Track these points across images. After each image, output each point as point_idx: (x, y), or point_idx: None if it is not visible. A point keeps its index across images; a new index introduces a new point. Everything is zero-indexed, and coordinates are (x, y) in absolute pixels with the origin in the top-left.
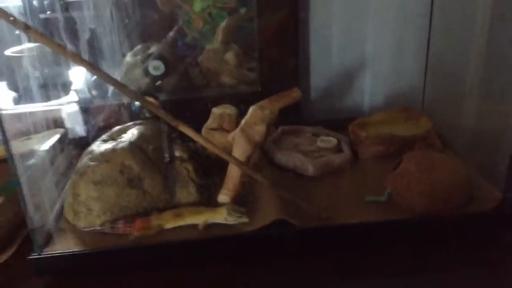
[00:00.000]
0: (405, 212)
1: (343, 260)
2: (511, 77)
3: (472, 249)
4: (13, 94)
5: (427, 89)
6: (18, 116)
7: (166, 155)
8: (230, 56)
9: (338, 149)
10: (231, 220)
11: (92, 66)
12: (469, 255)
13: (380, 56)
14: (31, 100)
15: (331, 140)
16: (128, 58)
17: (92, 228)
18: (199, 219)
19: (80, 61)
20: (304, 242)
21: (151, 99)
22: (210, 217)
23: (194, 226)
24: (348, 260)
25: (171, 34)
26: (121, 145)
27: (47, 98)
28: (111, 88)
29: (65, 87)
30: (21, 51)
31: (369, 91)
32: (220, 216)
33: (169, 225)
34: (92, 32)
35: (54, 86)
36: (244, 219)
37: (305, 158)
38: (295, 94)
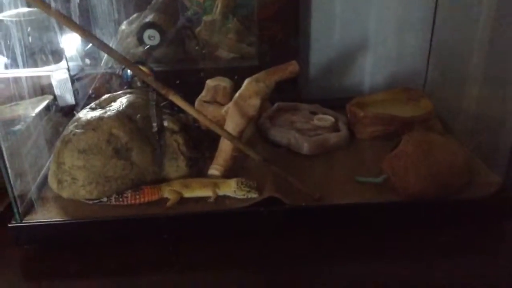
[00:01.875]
0: (401, 194)
1: (334, 241)
2: None
3: (469, 235)
4: (3, 59)
5: (429, 70)
6: (6, 81)
7: (154, 124)
8: (227, 29)
9: (335, 128)
10: (240, 194)
11: (85, 31)
12: (466, 241)
13: (383, 35)
14: (21, 66)
15: (328, 119)
16: (124, 26)
17: (98, 200)
18: (208, 191)
19: (74, 26)
20: (295, 221)
21: (144, 68)
22: (219, 189)
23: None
24: (339, 241)
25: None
26: (109, 113)
27: (38, 64)
28: (104, 57)
29: (57, 54)
30: (14, 15)
31: (369, 70)
32: (229, 189)
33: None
34: None
35: (46, 53)
36: (253, 194)
37: (300, 135)
38: (292, 67)
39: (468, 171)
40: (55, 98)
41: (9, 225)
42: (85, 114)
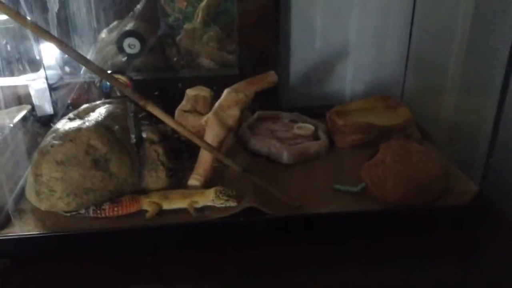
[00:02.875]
0: (379, 202)
1: (314, 249)
2: (490, 70)
3: (446, 242)
4: None
5: (407, 79)
6: None
7: (133, 136)
8: (209, 36)
9: (315, 137)
10: (218, 203)
11: (60, 42)
12: (442, 248)
13: (362, 44)
14: None
15: (308, 127)
16: (103, 34)
17: (76, 212)
18: (187, 202)
19: (49, 37)
20: (275, 230)
21: (122, 78)
22: (197, 200)
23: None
24: (319, 250)
25: (138, 7)
26: (87, 124)
27: (16, 74)
28: (82, 66)
29: (35, 63)
30: None
31: (349, 79)
32: (208, 199)
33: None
34: (65, 6)
35: (24, 61)
36: (232, 203)
37: (280, 144)
38: (271, 78)
39: (446, 179)
40: (33, 107)
41: None
42: (63, 124)
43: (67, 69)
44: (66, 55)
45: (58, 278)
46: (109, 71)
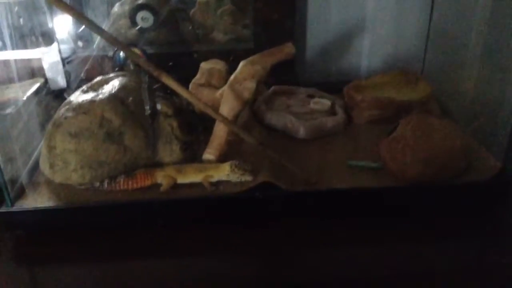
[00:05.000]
0: (398, 179)
1: (330, 226)
2: None
3: (468, 219)
4: None
5: (427, 53)
6: None
7: (147, 107)
8: (223, 10)
9: (331, 112)
10: (234, 177)
11: (76, 12)
12: (464, 225)
13: (381, 17)
14: (11, 48)
15: (325, 102)
16: (116, 8)
17: (91, 185)
18: (201, 176)
19: (65, 7)
20: (291, 206)
21: (135, 51)
22: (212, 174)
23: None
24: (334, 226)
25: None
26: (101, 96)
27: (29, 47)
28: (96, 39)
29: (48, 36)
30: None
31: (367, 53)
32: (223, 173)
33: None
34: None
35: (37, 35)
36: (247, 177)
37: (296, 119)
38: (288, 49)
39: (467, 155)
40: (46, 81)
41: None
42: (77, 97)
43: (80, 43)
44: (80, 29)
45: (71, 250)
46: None
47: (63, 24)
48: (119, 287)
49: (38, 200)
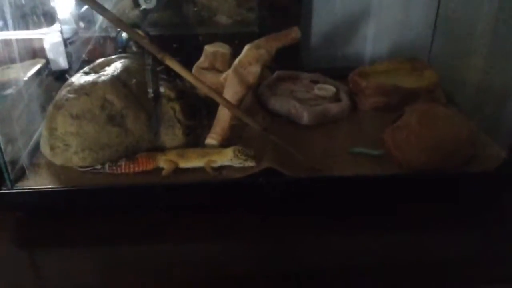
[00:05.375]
0: (401, 167)
1: (333, 213)
2: None
3: (472, 208)
4: None
5: (434, 41)
6: None
7: (150, 90)
8: None
9: (336, 98)
10: (237, 162)
11: None
12: (468, 214)
13: (388, 3)
14: (12, 28)
15: (329, 88)
16: None
17: (92, 168)
18: (204, 161)
19: None
20: (294, 192)
21: (139, 32)
22: (215, 159)
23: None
24: (338, 213)
25: None
26: (103, 78)
27: (30, 27)
28: (98, 20)
29: (50, 17)
30: None
31: (373, 39)
32: (226, 158)
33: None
34: None
35: (38, 15)
36: (250, 163)
37: (300, 105)
38: (294, 34)
39: (472, 144)
40: (47, 62)
41: (0, 191)
42: (78, 78)
43: (81, 23)
44: (81, 9)
45: (71, 233)
46: None
47: (65, 4)
48: (118, 270)
49: (38, 182)
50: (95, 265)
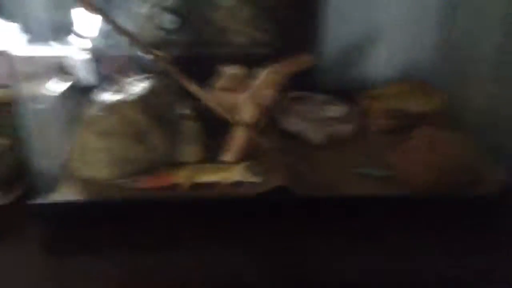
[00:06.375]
0: (408, 188)
1: (340, 232)
2: None
3: (474, 232)
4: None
5: (442, 65)
6: (27, 59)
7: (174, 111)
8: (244, 14)
9: (346, 120)
10: (245, 178)
11: (105, 14)
12: (471, 238)
13: (398, 26)
14: (42, 44)
15: (340, 110)
16: (143, 9)
17: (113, 182)
18: (218, 176)
19: (92, 8)
20: (303, 210)
21: (160, 53)
22: (228, 174)
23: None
24: (344, 232)
25: None
26: (131, 98)
27: (59, 43)
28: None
29: (80, 34)
30: None
31: (384, 62)
32: (236, 173)
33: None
34: None
35: (69, 31)
36: (257, 179)
37: (312, 126)
38: (308, 60)
39: (477, 169)
40: (76, 78)
41: (30, 202)
42: (107, 97)
43: (107, 42)
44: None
45: (99, 243)
46: None
47: (93, 23)
48: (142, 280)
49: (68, 193)
50: (118, 273)
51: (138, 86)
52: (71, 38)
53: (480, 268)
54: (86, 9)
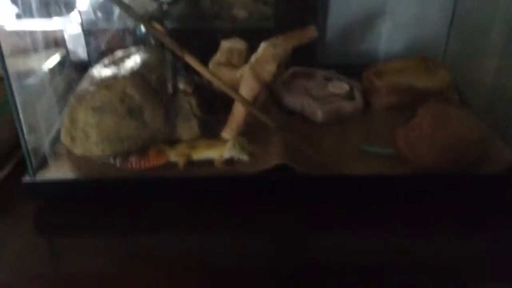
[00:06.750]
0: (413, 166)
1: (342, 212)
2: None
3: (481, 210)
4: (14, 9)
5: (449, 40)
6: (17, 33)
7: (169, 86)
8: None
9: (350, 96)
10: (233, 153)
11: None
12: (477, 216)
13: (404, 1)
14: (32, 17)
15: (343, 86)
16: None
17: (106, 161)
18: (212, 152)
19: None
20: (306, 189)
21: (157, 26)
22: (220, 151)
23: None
24: (349, 211)
25: None
26: (123, 72)
27: (49, 16)
28: (116, 11)
29: (70, 6)
30: None
31: (388, 37)
32: (226, 149)
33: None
34: None
35: (59, 3)
36: (244, 156)
37: (314, 102)
38: (311, 32)
39: (484, 146)
40: (67, 52)
41: (22, 180)
42: (99, 71)
43: (100, 14)
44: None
45: (90, 222)
46: None
47: None
48: (135, 259)
49: (59, 171)
50: (111, 253)
51: (132, 60)
52: (63, 10)
53: (486, 248)
54: None
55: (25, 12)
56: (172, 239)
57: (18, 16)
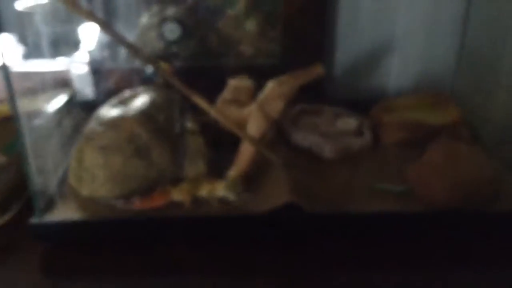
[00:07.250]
0: (425, 204)
1: (353, 250)
2: None
3: (492, 248)
4: (22, 49)
5: (458, 76)
6: (25, 74)
7: (177, 125)
8: (251, 23)
9: (358, 132)
10: (224, 193)
11: (106, 25)
12: (489, 254)
13: (412, 35)
14: (40, 57)
15: (352, 122)
16: (144, 19)
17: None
18: (218, 190)
19: (93, 18)
20: (313, 227)
21: (164, 65)
22: (219, 189)
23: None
24: (355, 250)
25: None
26: (131, 112)
27: (57, 57)
28: (124, 51)
29: (76, 46)
30: (32, 8)
31: (396, 72)
32: (220, 190)
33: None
34: None
35: (65, 45)
36: (231, 196)
37: (322, 139)
38: (317, 70)
39: (496, 184)
40: (74, 92)
41: (29, 221)
42: (107, 111)
43: (106, 54)
44: (108, 40)
45: (96, 263)
46: None
47: (91, 35)
48: None
49: (66, 212)
50: None
51: (139, 100)
52: (71, 51)
53: (500, 284)
54: (87, 19)
55: (32, 52)
56: (180, 281)
57: (25, 57)
